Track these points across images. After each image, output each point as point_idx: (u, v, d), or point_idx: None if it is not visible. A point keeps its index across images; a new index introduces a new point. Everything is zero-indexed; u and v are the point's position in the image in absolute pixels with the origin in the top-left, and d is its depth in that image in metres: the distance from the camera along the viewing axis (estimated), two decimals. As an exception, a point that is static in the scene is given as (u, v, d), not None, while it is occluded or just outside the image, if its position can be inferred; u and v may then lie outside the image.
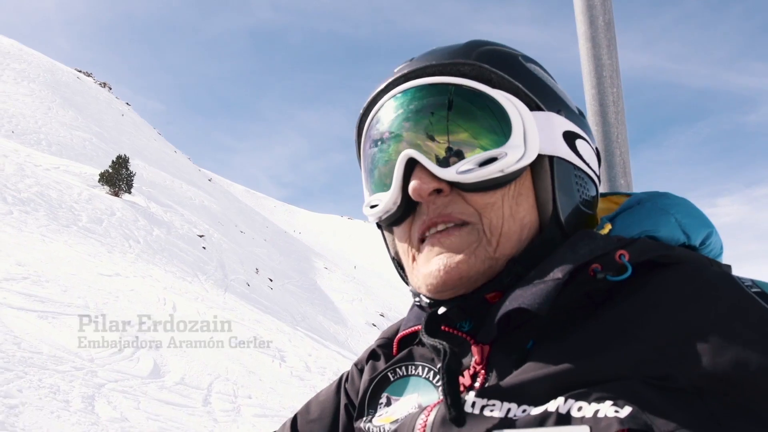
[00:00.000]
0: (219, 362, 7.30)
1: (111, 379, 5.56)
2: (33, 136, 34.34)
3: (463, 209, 0.72)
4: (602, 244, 0.68)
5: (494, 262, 0.71)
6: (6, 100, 39.39)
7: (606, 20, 1.43)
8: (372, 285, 50.55)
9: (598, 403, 0.54)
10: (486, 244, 0.71)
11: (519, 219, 0.73)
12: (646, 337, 0.59)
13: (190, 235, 20.77)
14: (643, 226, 0.74)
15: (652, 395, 0.54)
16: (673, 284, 0.63)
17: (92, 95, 58.50)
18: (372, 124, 0.80)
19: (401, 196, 0.74)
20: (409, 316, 0.86)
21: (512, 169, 0.71)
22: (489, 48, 0.78)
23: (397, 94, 0.77)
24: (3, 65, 49.28)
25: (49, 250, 10.07)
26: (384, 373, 0.82)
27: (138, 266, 12.40)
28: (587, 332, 0.63)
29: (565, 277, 0.64)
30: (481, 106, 0.73)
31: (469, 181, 0.71)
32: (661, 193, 0.80)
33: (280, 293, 23.49)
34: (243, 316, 11.45)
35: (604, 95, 1.41)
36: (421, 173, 0.72)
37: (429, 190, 0.71)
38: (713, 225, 0.77)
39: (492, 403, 0.61)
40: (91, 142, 40.12)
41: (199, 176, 60.27)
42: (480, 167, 0.70)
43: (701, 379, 0.55)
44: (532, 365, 0.62)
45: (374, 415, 0.79)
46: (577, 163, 0.77)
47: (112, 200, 18.62)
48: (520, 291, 0.66)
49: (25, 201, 13.30)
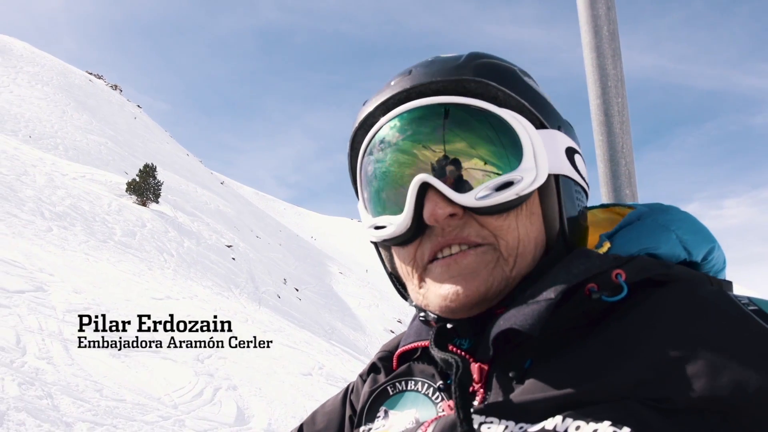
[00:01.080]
0: (295, 399, 6.87)
1: (200, 429, 5.12)
2: (50, 140, 34.14)
3: (479, 232, 0.71)
4: (598, 263, 0.68)
5: (511, 282, 0.71)
6: (21, 104, 39.27)
7: (610, 30, 1.42)
8: (386, 290, 50.10)
9: (596, 422, 0.54)
10: (503, 264, 0.71)
11: (533, 238, 0.72)
12: (643, 357, 0.58)
13: (219, 246, 20.41)
14: (642, 243, 0.74)
15: (651, 416, 0.54)
16: (670, 304, 0.62)
17: (104, 98, 58.42)
18: (374, 142, 0.77)
19: (412, 220, 0.72)
20: (408, 332, 0.85)
21: (526, 192, 0.71)
22: (490, 62, 0.76)
23: (403, 113, 0.74)
24: (17, 68, 49.21)
25: (96, 271, 9.67)
26: (383, 387, 0.82)
27: (180, 284, 12.01)
28: (585, 352, 0.62)
29: (557, 297, 0.64)
30: (491, 127, 0.72)
31: (485, 205, 0.70)
32: (663, 208, 0.79)
33: (306, 304, 23.10)
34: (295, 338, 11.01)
35: (609, 105, 1.40)
36: (435, 197, 0.70)
37: (445, 215, 0.70)
38: (716, 240, 0.77)
39: (490, 420, 0.61)
40: (107, 146, 39.98)
41: (211, 179, 60.08)
42: (496, 192, 0.70)
43: (700, 401, 0.54)
44: (531, 385, 0.62)
45: (371, 427, 0.79)
46: (577, 179, 0.78)
47: (141, 210, 18.27)
48: (514, 311, 0.65)
49: (61, 215, 12.92)
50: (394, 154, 0.75)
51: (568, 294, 0.66)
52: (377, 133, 0.77)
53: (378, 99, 0.77)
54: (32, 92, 44.36)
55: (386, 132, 0.76)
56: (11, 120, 34.27)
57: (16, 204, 11.73)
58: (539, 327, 0.62)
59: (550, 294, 0.64)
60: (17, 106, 38.47)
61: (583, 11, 1.46)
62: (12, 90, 42.60)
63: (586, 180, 0.81)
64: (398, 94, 0.75)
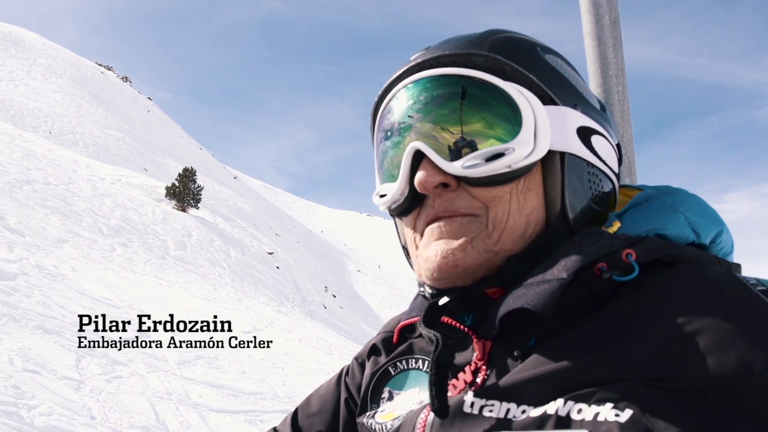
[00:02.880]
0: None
1: None
2: (69, 136, 33.43)
3: (470, 203, 0.71)
4: (609, 242, 0.66)
5: (493, 256, 0.70)
6: (38, 98, 38.50)
7: (612, 18, 1.42)
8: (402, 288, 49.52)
9: (598, 405, 0.54)
10: (486, 236, 0.70)
11: (525, 215, 0.71)
12: (648, 336, 0.57)
13: (261, 254, 19.71)
14: (651, 224, 0.72)
15: (653, 397, 0.54)
16: (677, 284, 0.62)
17: (117, 90, 57.59)
18: (384, 113, 0.79)
19: (408, 187, 0.73)
20: (411, 306, 0.85)
21: (520, 165, 0.69)
22: (505, 36, 0.76)
23: (409, 84, 0.75)
24: (30, 60, 48.36)
25: (174, 298, 8.95)
26: (385, 368, 0.82)
27: (245, 305, 11.31)
28: (589, 331, 0.62)
29: (569, 277, 0.63)
30: (492, 98, 0.71)
31: (475, 175, 0.69)
32: (671, 190, 0.78)
33: (347, 312, 22.42)
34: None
35: (609, 94, 1.40)
36: (427, 166, 0.71)
37: (434, 183, 0.70)
38: (724, 222, 0.76)
39: (491, 404, 0.61)
40: (124, 142, 39.27)
41: (225, 174, 59.35)
42: (487, 162, 0.69)
43: (704, 381, 0.54)
44: (534, 363, 0.62)
45: (377, 410, 0.79)
46: (591, 160, 0.75)
47: (184, 218, 17.56)
48: (524, 290, 0.64)
49: (117, 230, 12.17)
50: (396, 123, 0.76)
51: (578, 273, 0.64)
52: (387, 104, 0.78)
53: (395, 73, 0.78)
54: (47, 85, 43.57)
55: (393, 103, 0.77)
56: (30, 115, 33.53)
57: (75, 220, 10.99)
58: (551, 307, 0.60)
59: (562, 273, 0.63)
60: (34, 100, 37.72)
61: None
62: (27, 83, 41.81)
63: (609, 164, 0.78)
64: (411, 68, 0.76)
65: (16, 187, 10.99)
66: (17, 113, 32.82)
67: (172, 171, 39.42)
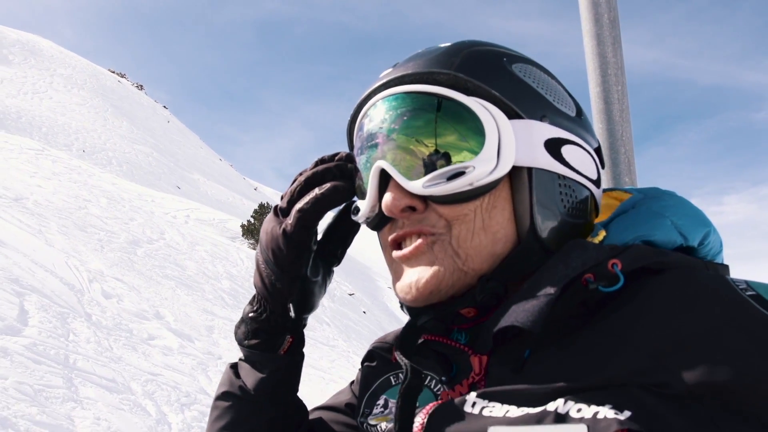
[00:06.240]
0: None
1: None
2: (102, 154, 32.05)
3: (435, 222, 0.72)
4: (594, 254, 0.67)
5: (463, 275, 0.71)
6: (65, 113, 37.06)
7: (611, 18, 1.41)
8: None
9: (597, 405, 0.55)
10: (453, 255, 0.71)
11: (492, 232, 0.71)
12: (641, 344, 0.58)
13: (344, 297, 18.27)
14: (638, 231, 0.73)
15: (651, 401, 0.54)
16: (665, 291, 0.62)
17: (136, 100, 56.21)
18: (356, 131, 0.81)
19: (378, 205, 0.74)
20: None
21: (482, 183, 0.70)
22: (471, 51, 0.76)
23: (377, 102, 0.77)
24: (50, 71, 46.89)
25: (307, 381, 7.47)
26: (387, 377, 0.85)
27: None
28: (583, 341, 0.63)
29: (557, 292, 0.64)
30: (454, 115, 0.72)
31: (437, 194, 0.70)
32: (658, 194, 0.79)
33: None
34: None
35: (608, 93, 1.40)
36: (393, 187, 0.72)
37: (401, 207, 0.71)
38: (711, 223, 0.76)
39: (492, 405, 0.62)
40: (154, 157, 37.89)
41: (246, 186, 57.97)
42: (447, 181, 0.69)
43: (698, 386, 0.54)
44: (530, 374, 0.63)
45: (369, 415, 0.82)
46: (561, 172, 0.75)
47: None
48: (514, 307, 0.65)
49: (232, 293, 10.65)
50: (365, 141, 0.77)
51: (566, 286, 0.65)
52: (360, 122, 0.80)
53: (365, 92, 0.80)
54: (70, 98, 42.15)
55: (363, 121, 0.78)
56: (61, 132, 32.09)
57: (200, 293, 9.51)
58: (540, 324, 0.62)
59: (549, 289, 0.64)
60: (61, 114, 36.30)
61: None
62: (51, 96, 40.36)
63: (583, 172, 0.77)
64: (379, 87, 0.77)
65: (129, 253, 9.50)
66: (49, 130, 31.46)
67: (202, 187, 38.05)
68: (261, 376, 0.87)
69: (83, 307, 5.60)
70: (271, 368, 0.87)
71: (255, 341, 0.88)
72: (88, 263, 7.36)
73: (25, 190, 10.14)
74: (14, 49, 48.21)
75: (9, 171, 11.53)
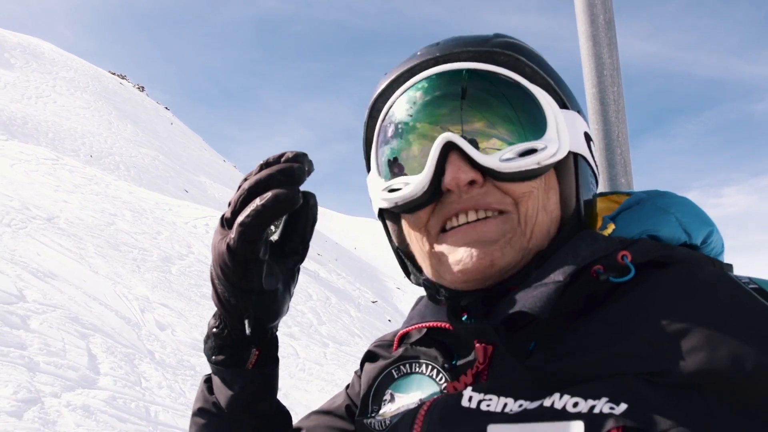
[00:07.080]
0: None
1: None
2: (109, 159, 31.68)
3: (501, 199, 0.71)
4: (604, 245, 0.68)
5: (527, 253, 0.72)
6: (69, 116, 36.69)
7: (606, 19, 1.40)
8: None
9: (594, 399, 0.55)
10: (521, 234, 0.71)
11: (550, 212, 0.73)
12: (642, 333, 0.59)
13: (368, 305, 17.97)
14: (643, 226, 0.74)
15: (648, 391, 0.54)
16: (670, 282, 0.63)
17: (139, 102, 55.86)
18: (397, 105, 0.78)
19: (431, 182, 0.72)
20: (411, 314, 0.86)
21: (547, 162, 0.71)
22: (516, 42, 0.78)
23: (432, 75, 0.75)
24: (53, 74, 46.53)
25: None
26: (388, 370, 0.84)
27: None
28: (586, 331, 0.63)
29: (566, 280, 0.64)
30: (519, 97, 0.73)
31: (509, 170, 0.70)
32: (661, 193, 0.79)
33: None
34: None
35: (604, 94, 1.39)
36: (458, 161, 0.70)
37: (467, 180, 0.70)
38: (714, 223, 0.77)
39: (489, 398, 0.62)
40: (160, 161, 37.51)
41: (250, 187, 57.56)
42: (520, 157, 0.70)
43: (697, 376, 0.54)
44: (533, 365, 0.63)
45: (377, 411, 0.82)
46: (592, 164, 0.80)
47: (291, 270, 15.75)
48: (522, 293, 0.66)
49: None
50: (421, 113, 0.75)
51: (575, 276, 0.65)
52: (402, 95, 0.77)
53: (404, 66, 0.78)
54: (74, 101, 41.82)
55: (411, 94, 0.76)
56: (68, 137, 31.71)
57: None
58: (549, 310, 0.62)
59: (558, 276, 0.64)
60: (66, 118, 35.93)
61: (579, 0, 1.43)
62: (55, 100, 40.04)
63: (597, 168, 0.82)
64: (426, 61, 0.76)
65: (165, 272, 9.20)
66: (55, 136, 31.07)
67: (210, 190, 37.68)
68: (231, 394, 0.85)
69: (144, 344, 5.33)
70: (241, 384, 0.85)
71: (221, 357, 0.86)
72: (132, 288, 7.08)
73: (54, 207, 9.82)
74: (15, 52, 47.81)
75: (33, 186, 11.21)
